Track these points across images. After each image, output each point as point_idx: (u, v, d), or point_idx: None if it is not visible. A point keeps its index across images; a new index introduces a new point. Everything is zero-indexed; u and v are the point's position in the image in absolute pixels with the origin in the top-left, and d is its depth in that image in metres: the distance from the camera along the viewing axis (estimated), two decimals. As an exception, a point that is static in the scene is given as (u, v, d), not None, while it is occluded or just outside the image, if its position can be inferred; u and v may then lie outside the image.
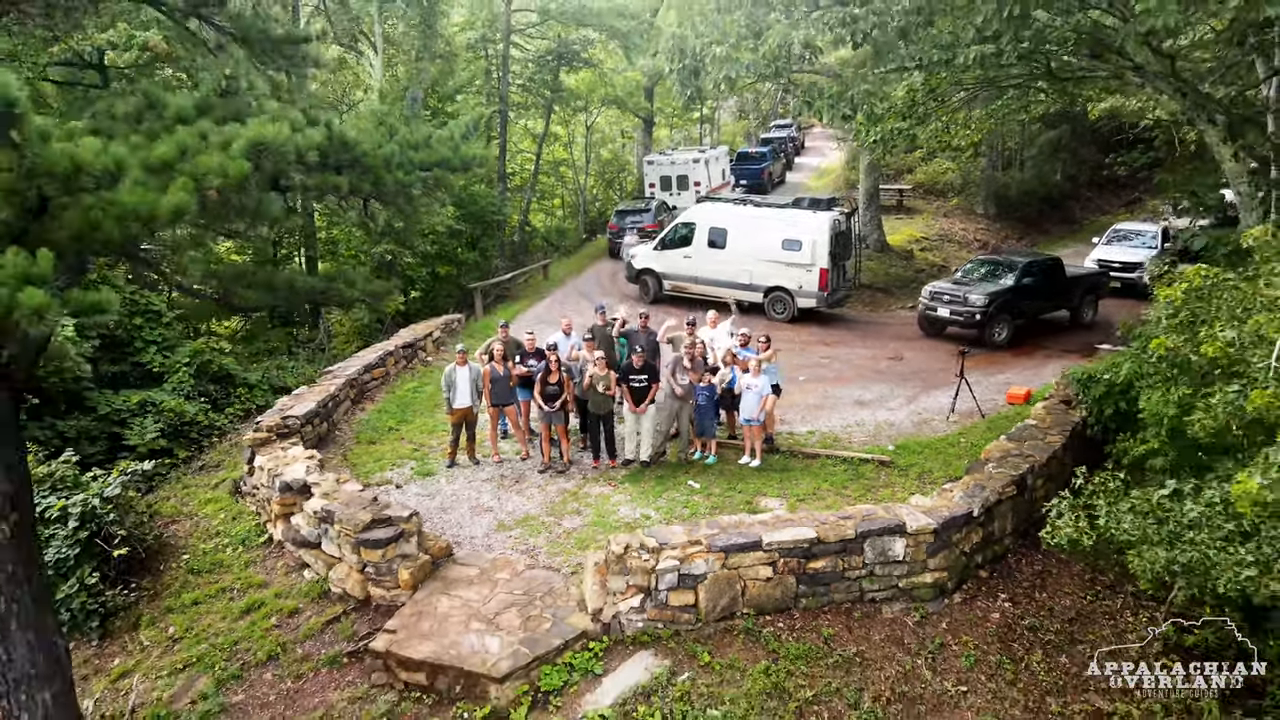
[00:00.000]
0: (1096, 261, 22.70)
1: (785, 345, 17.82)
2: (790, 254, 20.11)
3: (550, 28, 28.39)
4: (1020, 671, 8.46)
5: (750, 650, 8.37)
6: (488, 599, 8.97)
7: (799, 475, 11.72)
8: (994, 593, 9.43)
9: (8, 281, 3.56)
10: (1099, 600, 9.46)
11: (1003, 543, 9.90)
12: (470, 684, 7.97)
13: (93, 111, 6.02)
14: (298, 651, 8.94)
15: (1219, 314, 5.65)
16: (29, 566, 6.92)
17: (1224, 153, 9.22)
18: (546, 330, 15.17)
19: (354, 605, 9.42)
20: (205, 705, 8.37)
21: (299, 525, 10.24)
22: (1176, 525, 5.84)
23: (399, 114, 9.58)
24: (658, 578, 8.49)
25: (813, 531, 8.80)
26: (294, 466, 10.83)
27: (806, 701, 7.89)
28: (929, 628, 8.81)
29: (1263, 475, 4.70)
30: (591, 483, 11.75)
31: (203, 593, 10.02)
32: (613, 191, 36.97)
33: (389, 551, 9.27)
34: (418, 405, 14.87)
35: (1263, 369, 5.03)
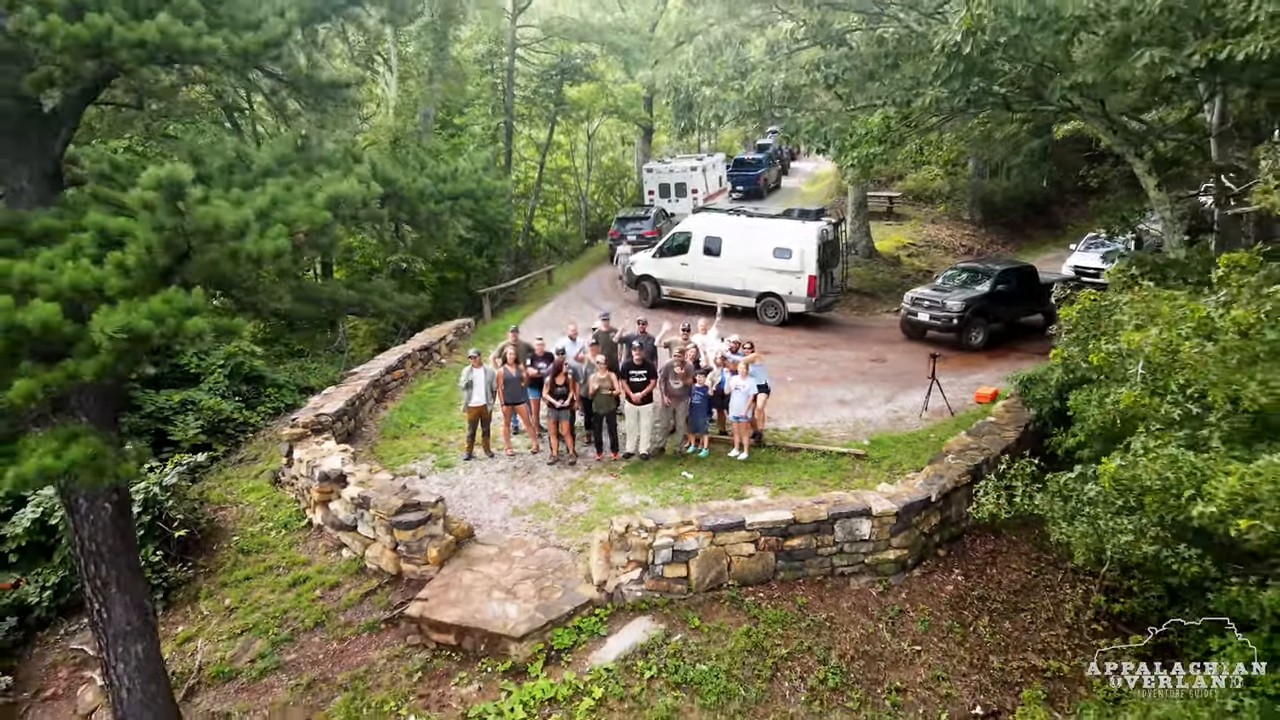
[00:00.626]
0: (1072, 267, 23.98)
1: (775, 348, 19.12)
2: (781, 261, 21.36)
3: (554, 43, 29.67)
4: (968, 634, 9.77)
5: (734, 616, 9.68)
6: (506, 573, 10.28)
7: (783, 467, 13.02)
8: (949, 568, 10.74)
9: (174, 313, 4.85)
10: (1042, 575, 10.75)
11: (959, 525, 11.19)
12: (493, 643, 9.28)
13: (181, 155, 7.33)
14: (340, 619, 10.25)
15: (1104, 330, 6.93)
16: (126, 540, 8.24)
17: (1149, 183, 10.50)
18: (554, 334, 16.45)
19: (388, 579, 10.73)
20: (263, 663, 9.69)
21: (337, 510, 11.55)
22: (1078, 502, 7.13)
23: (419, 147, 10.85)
24: (654, 553, 9.81)
25: (790, 514, 10.11)
26: (330, 458, 12.15)
27: (782, 658, 9.21)
28: (890, 597, 10.12)
29: (1121, 458, 5.99)
30: (595, 474, 13.04)
31: (253, 569, 11.34)
32: (613, 197, 38.25)
33: (419, 532, 10.58)
34: (435, 404, 16.17)
35: (1133, 374, 6.31)
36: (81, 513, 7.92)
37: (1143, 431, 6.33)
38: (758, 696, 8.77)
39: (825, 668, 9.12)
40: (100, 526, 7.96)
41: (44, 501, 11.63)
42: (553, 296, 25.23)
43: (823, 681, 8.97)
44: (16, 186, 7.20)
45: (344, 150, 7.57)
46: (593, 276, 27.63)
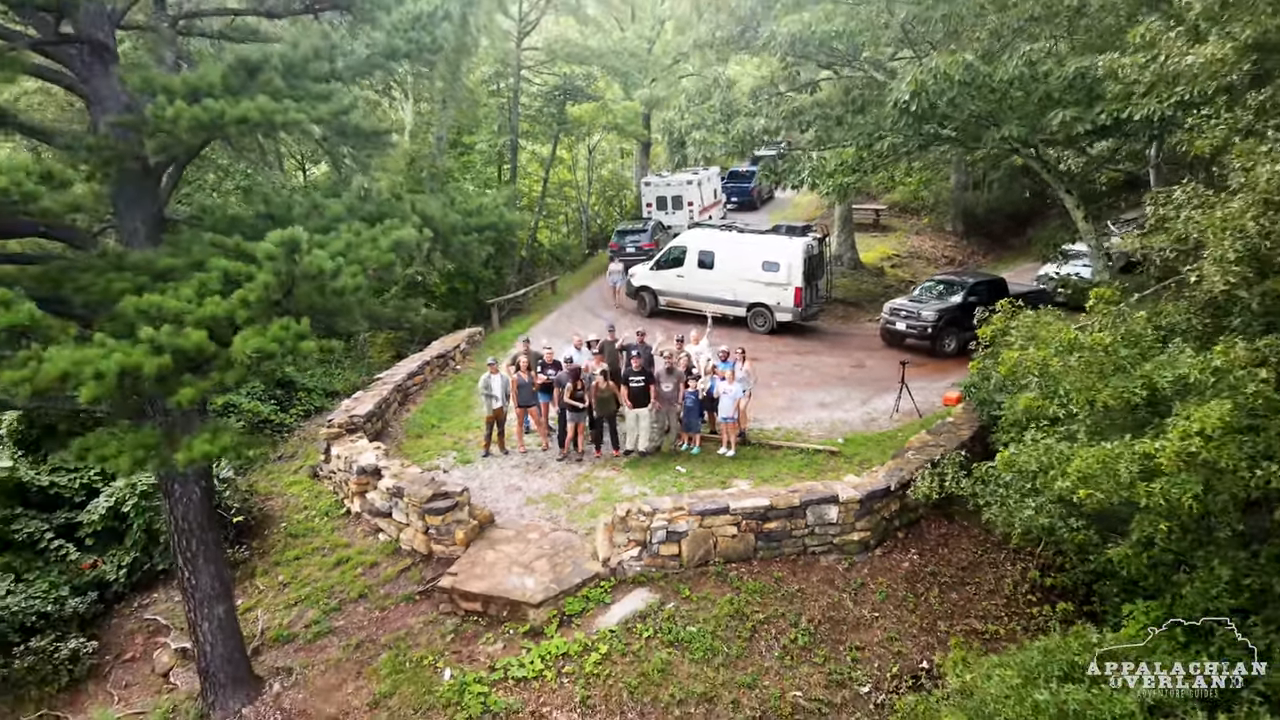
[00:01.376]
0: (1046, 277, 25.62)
1: (763, 355, 20.74)
2: (769, 274, 22.97)
3: (557, 65, 31.36)
4: (920, 603, 11.43)
5: (719, 587, 11.34)
6: (523, 552, 11.92)
7: (765, 462, 14.67)
8: (906, 548, 12.40)
9: (291, 337, 6.50)
10: (986, 555, 12.42)
11: (917, 511, 12.83)
12: (514, 610, 10.92)
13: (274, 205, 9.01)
14: (380, 591, 11.89)
15: (1011, 344, 8.57)
16: (210, 519, 9.90)
17: (1077, 215, 12.13)
18: (560, 343, 18.08)
19: (420, 558, 12.37)
20: (316, 628, 11.33)
21: (373, 499, 13.19)
22: (996, 485, 8.77)
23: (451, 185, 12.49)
24: (651, 534, 11.47)
25: (768, 501, 11.77)
26: (365, 454, 13.79)
27: (759, 622, 10.86)
28: (854, 572, 11.77)
29: (1015, 447, 7.63)
30: (599, 468, 14.68)
31: (301, 551, 12.98)
32: (613, 209, 39.94)
33: (447, 518, 12.21)
34: (453, 406, 17.82)
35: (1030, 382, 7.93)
36: (176, 496, 9.58)
37: (1033, 427, 7.98)
38: (738, 653, 10.42)
39: (796, 630, 10.77)
40: (191, 507, 9.63)
41: (116, 492, 13.25)
42: (557, 306, 26.88)
43: (794, 641, 10.62)
44: (131, 228, 8.87)
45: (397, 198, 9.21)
46: (594, 286, 29.24)
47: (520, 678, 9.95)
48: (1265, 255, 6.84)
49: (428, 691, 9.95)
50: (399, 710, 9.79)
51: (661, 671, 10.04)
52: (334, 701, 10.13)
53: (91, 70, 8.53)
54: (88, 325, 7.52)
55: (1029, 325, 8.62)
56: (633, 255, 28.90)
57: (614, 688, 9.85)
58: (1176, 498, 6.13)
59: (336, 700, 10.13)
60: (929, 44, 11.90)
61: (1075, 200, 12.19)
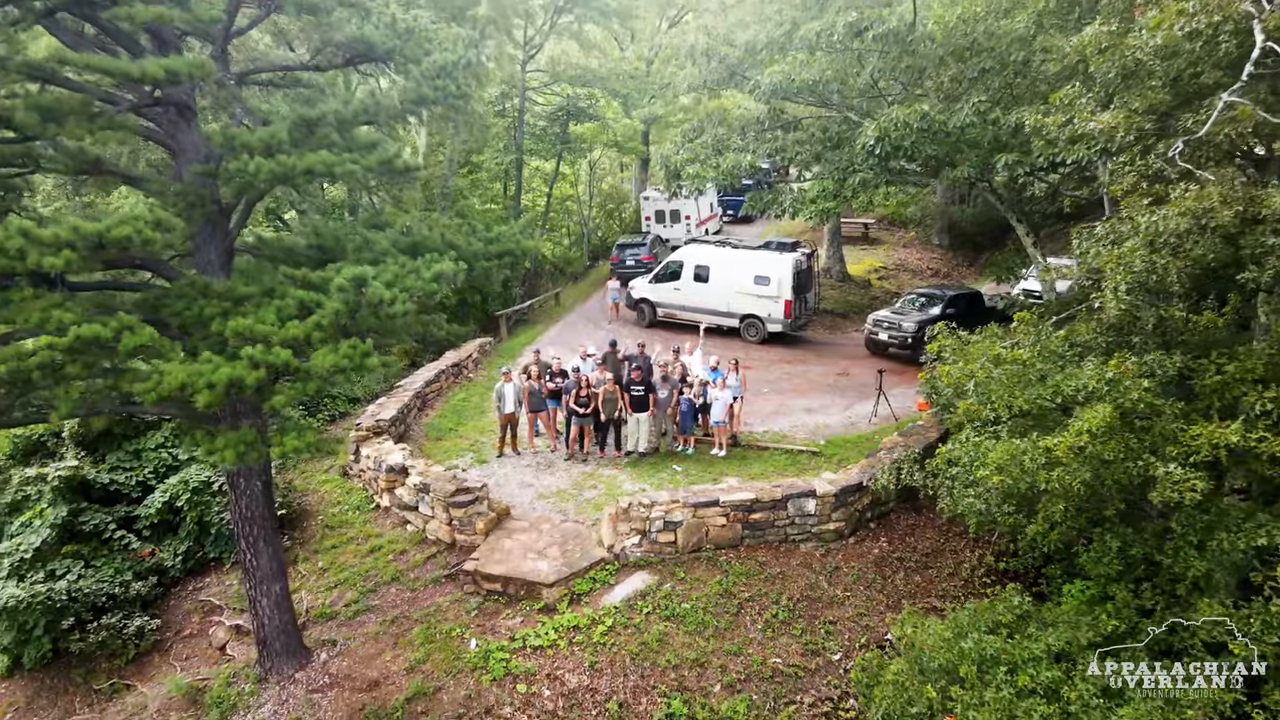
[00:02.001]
0: (1022, 291, 27.19)
1: (755, 363, 22.28)
2: (761, 288, 24.52)
3: (560, 88, 32.99)
4: (887, 584, 12.96)
5: (710, 570, 12.87)
6: (537, 540, 13.46)
7: (753, 462, 16.20)
8: (877, 536, 13.94)
9: (358, 355, 8.04)
10: (948, 542, 13.95)
11: (887, 504, 14.35)
12: (530, 589, 12.46)
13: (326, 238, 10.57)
14: (411, 575, 13.43)
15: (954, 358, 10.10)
16: (269, 508, 11.43)
17: (1027, 242, 13.70)
18: (566, 353, 19.62)
19: (444, 546, 13.89)
20: (355, 606, 12.86)
21: (402, 495, 14.72)
22: (943, 478, 10.31)
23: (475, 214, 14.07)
24: (650, 524, 13.00)
25: (753, 494, 13.31)
26: (393, 455, 15.33)
27: (745, 600, 12.39)
28: (829, 558, 13.31)
29: (953, 443, 9.16)
30: (603, 467, 16.20)
31: (337, 540, 14.51)
32: (613, 222, 41.52)
33: (469, 510, 13.75)
34: (468, 412, 19.36)
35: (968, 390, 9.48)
36: (241, 489, 11.12)
37: (968, 427, 9.52)
38: (726, 626, 11.95)
39: (777, 607, 12.30)
40: (254, 499, 11.17)
41: (169, 489, 14.79)
42: (561, 317, 28.44)
43: (775, 616, 12.15)
44: (207, 259, 10.42)
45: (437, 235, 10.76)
46: (595, 297, 30.78)
47: (537, 646, 11.48)
48: (1151, 287, 8.38)
49: (456, 658, 11.48)
50: (432, 673, 11.32)
51: (659, 641, 11.57)
52: (374, 667, 11.66)
53: (176, 127, 10.10)
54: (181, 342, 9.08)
55: (958, 345, 10.19)
56: (632, 268, 30.44)
57: (618, 655, 11.38)
58: (1069, 483, 7.65)
59: (377, 666, 11.66)
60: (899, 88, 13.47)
61: (1025, 228, 13.75)
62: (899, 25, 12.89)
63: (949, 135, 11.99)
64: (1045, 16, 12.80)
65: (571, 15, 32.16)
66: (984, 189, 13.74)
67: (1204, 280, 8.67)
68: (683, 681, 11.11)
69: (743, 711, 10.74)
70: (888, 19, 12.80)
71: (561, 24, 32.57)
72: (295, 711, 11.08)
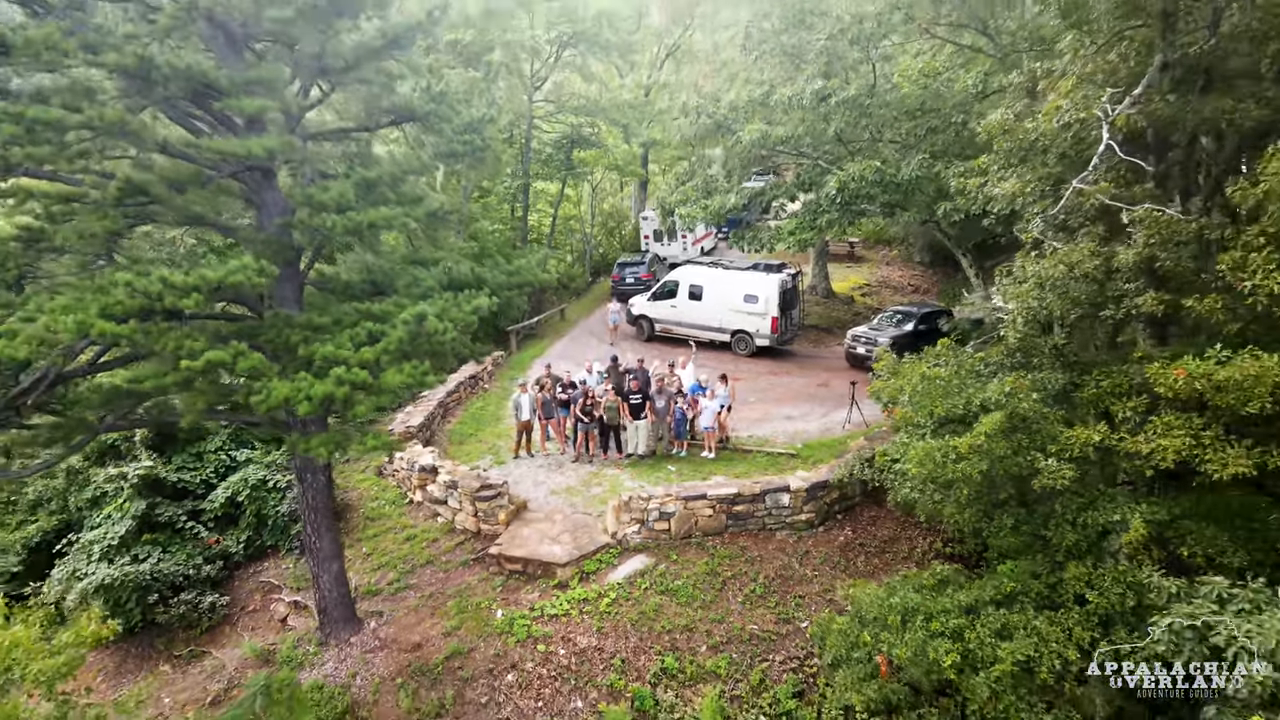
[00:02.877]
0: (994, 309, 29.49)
1: (744, 375, 24.54)
2: (750, 305, 26.81)
3: (564, 116, 35.38)
4: (849, 565, 15.21)
5: (698, 553, 15.13)
6: (550, 529, 15.72)
7: (738, 463, 18.46)
8: (843, 526, 16.20)
9: (419, 374, 10.34)
10: (904, 531, 16.20)
11: (853, 499, 16.62)
12: (546, 569, 14.71)
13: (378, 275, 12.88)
14: (443, 559, 15.68)
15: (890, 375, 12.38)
16: (329, 499, 13.68)
17: (970, 273, 15.98)
18: (574, 366, 21.89)
19: (471, 535, 16.14)
20: (397, 584, 15.11)
21: (432, 491, 16.99)
22: (889, 473, 12.56)
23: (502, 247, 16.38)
24: (647, 514, 15.27)
25: (736, 489, 15.58)
26: (424, 456, 17.60)
27: (728, 578, 14.64)
28: (801, 544, 15.56)
29: (888, 444, 11.42)
30: (606, 468, 18.45)
31: (377, 530, 16.77)
32: (613, 239, 43.86)
33: (492, 503, 16.01)
34: (485, 419, 21.64)
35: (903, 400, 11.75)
36: (308, 482, 13.38)
37: (904, 430, 11.79)
38: (711, 599, 14.21)
39: (755, 584, 14.55)
40: (317, 491, 13.43)
41: (231, 486, 17.05)
42: (566, 332, 30.74)
43: (753, 591, 14.39)
44: (284, 294, 12.70)
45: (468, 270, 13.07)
46: (598, 313, 33.06)
47: (553, 614, 13.74)
48: (1043, 321, 10.66)
49: (485, 625, 13.73)
50: (465, 637, 13.57)
51: (655, 611, 13.82)
52: (416, 633, 13.91)
53: (261, 186, 12.39)
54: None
55: (892, 364, 12.51)
56: (631, 285, 32.77)
57: (620, 622, 13.64)
58: (970, 473, 9.91)
59: (418, 632, 13.91)
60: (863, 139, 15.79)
61: (969, 260, 16.06)
62: (858, 92, 15.26)
63: (899, 186, 14.31)
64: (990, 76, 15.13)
65: (575, 49, 34.54)
66: (932, 226, 16.03)
67: (1083, 314, 10.92)
68: (675, 643, 13.36)
69: (724, 667, 12.99)
70: (848, 87, 15.15)
71: (566, 57, 34.93)
72: (353, 668, 13.33)
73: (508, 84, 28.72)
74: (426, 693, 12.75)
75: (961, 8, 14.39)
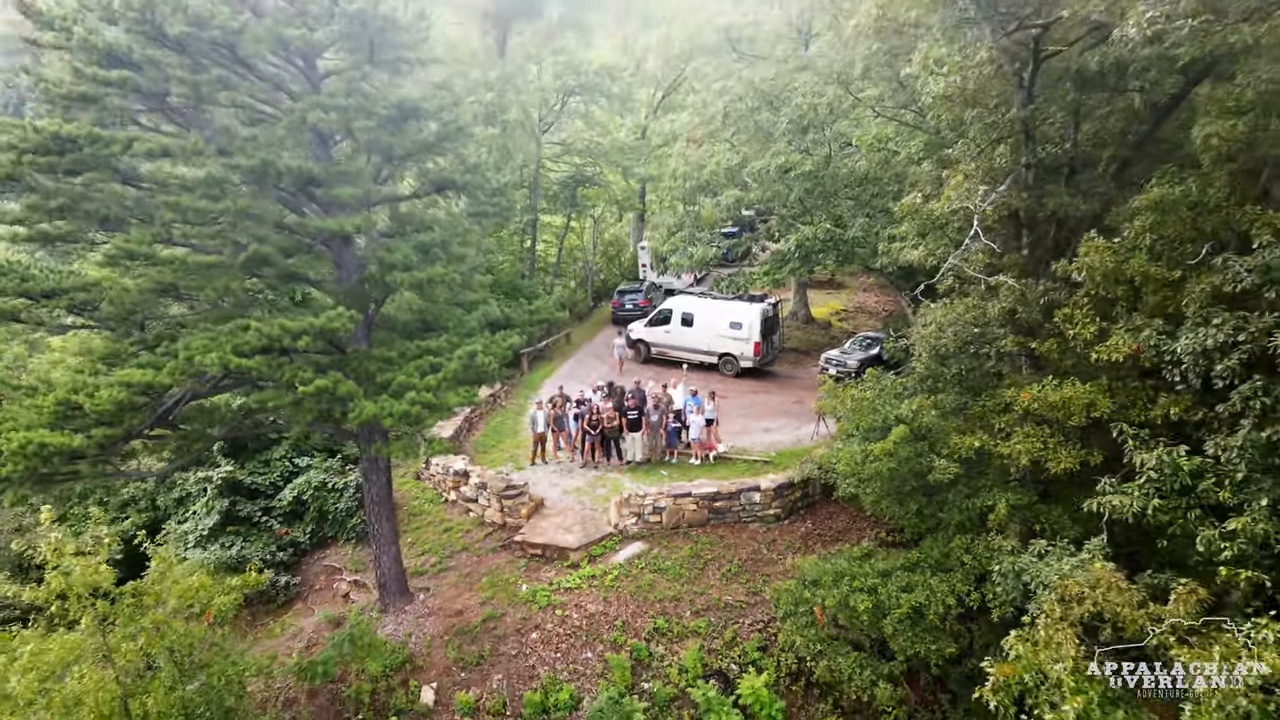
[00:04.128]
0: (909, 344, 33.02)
1: (729, 393, 27.97)
2: (735, 331, 30.29)
3: (570, 158, 39.09)
4: (807, 550, 18.62)
5: (685, 541, 18.56)
6: (564, 521, 19.15)
7: (720, 468, 21.91)
8: (804, 519, 19.65)
9: (471, 394, 13.79)
10: (855, 524, 19.63)
11: (813, 497, 20.07)
12: (561, 553, 18.15)
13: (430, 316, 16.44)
14: (476, 546, 19.10)
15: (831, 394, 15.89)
16: (390, 493, 17.13)
17: (909, 311, 19.43)
18: (580, 385, 25.36)
19: (498, 527, 19.57)
20: (438, 566, 18.53)
21: (464, 491, 20.43)
22: (833, 473, 16.02)
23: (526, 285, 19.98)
24: (643, 509, 18.72)
25: (716, 488, 19.05)
26: (457, 463, 21.05)
27: (709, 560, 18.08)
28: (769, 533, 19.00)
29: (826, 449, 14.90)
30: (609, 473, 21.89)
31: (419, 524, 20.19)
32: (613, 266, 47.46)
33: (516, 501, 19.46)
34: (505, 431, 25.10)
35: (844, 414, 15.22)
36: (372, 480, 16.83)
37: (839, 439, 15.24)
38: (695, 576, 17.63)
39: (730, 564, 17.97)
40: (380, 487, 16.88)
41: (297, 486, 20.49)
42: (571, 354, 34.24)
43: (729, 571, 17.81)
44: (358, 334, 16.19)
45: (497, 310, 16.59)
46: (600, 337, 36.57)
47: (567, 588, 17.16)
48: (942, 355, 14.15)
49: (513, 596, 17.14)
50: (497, 605, 16.97)
51: (649, 585, 17.24)
52: (457, 603, 17.31)
53: (342, 249, 15.90)
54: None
55: (830, 387, 16.06)
56: (630, 310, 36.32)
57: (621, 593, 17.05)
58: (881, 471, 13.34)
59: (459, 602, 17.31)
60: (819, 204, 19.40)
61: (906, 299, 19.54)
62: (814, 167, 18.87)
63: (846, 243, 17.81)
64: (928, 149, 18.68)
65: (579, 98, 38.27)
66: (875, 272, 19.53)
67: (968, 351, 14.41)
68: (665, 609, 16.77)
69: (704, 627, 16.40)
70: (806, 163, 18.78)
71: (571, 105, 38.66)
72: (408, 629, 16.73)
73: (522, 137, 32.35)
74: (468, 647, 16.15)
75: (896, 96, 17.95)
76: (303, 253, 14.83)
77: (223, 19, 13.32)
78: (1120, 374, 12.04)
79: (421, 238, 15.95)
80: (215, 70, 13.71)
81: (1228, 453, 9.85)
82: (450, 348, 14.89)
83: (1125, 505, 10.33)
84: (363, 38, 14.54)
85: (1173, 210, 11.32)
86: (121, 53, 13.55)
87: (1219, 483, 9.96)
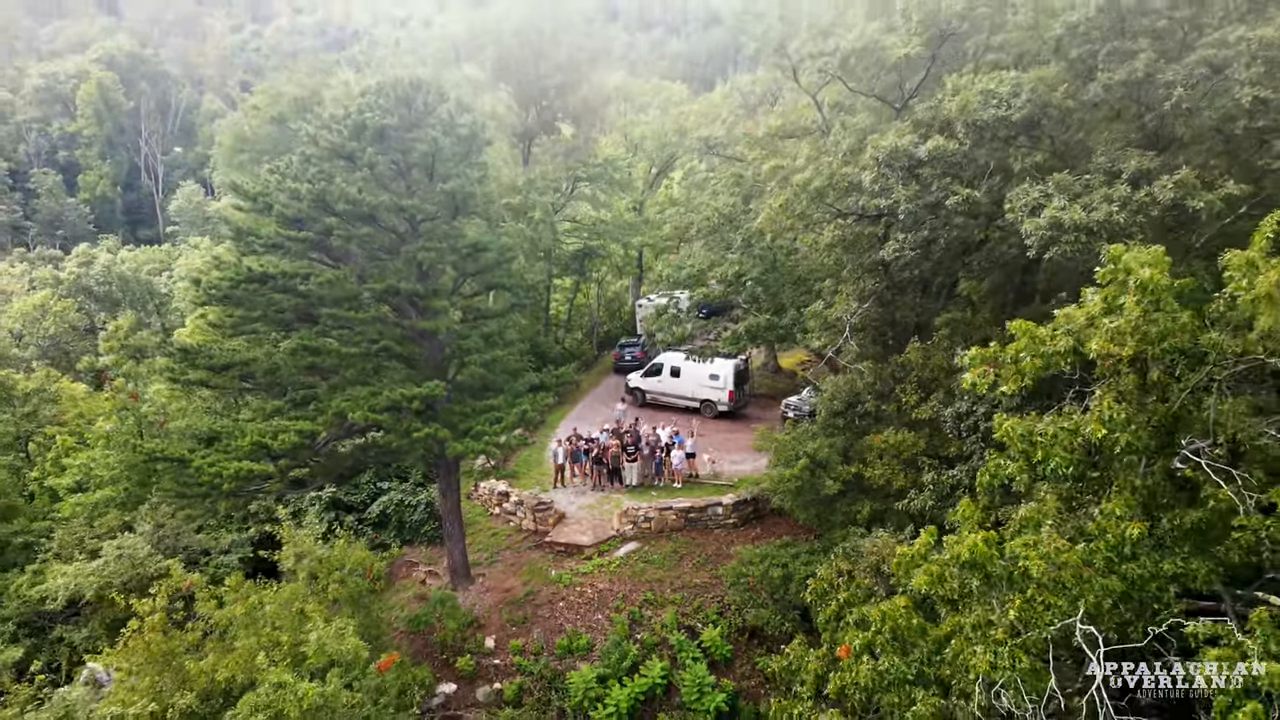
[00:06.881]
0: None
1: (708, 432, 35.14)
2: (713, 381, 37.59)
3: (579, 234, 46.85)
4: (756, 549, 25.81)
5: (668, 541, 25.78)
6: (581, 527, 26.39)
7: (696, 490, 29.13)
8: (755, 526, 26.84)
9: (521, 437, 21.03)
10: (791, 528, 26.78)
11: (763, 510, 27.26)
12: (579, 549, 25.39)
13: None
14: (516, 546, 26.33)
15: (762, 436, 23.15)
16: (460, 502, 24.41)
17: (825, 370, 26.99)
18: (590, 426, 32.64)
19: (532, 532, 26.79)
20: (490, 559, 25.76)
21: (506, 507, 27.69)
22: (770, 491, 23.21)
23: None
24: (638, 518, 26.01)
25: (690, 504, 26.35)
26: (499, 486, 28.34)
27: (684, 554, 25.30)
28: (729, 536, 26.18)
29: (762, 475, 22.11)
30: (613, 494, 29.08)
31: (473, 531, 27.40)
32: (615, 320, 55.02)
33: (546, 513, 26.71)
34: (531, 462, 32.37)
35: (771, 452, 22.44)
36: (447, 495, 24.12)
37: (770, 467, 22.43)
38: (674, 565, 24.82)
39: (699, 558, 25.16)
40: (452, 499, 24.17)
41: (382, 503, 27.74)
42: (580, 399, 41.61)
43: (698, 562, 24.98)
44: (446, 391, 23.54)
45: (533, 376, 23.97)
46: (603, 385, 43.90)
47: (584, 573, 24.35)
48: (836, 411, 21.46)
49: (545, 578, 24.31)
50: (534, 585, 24.13)
51: (642, 571, 24.42)
52: (505, 584, 24.48)
53: (432, 336, 23.33)
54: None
55: (763, 431, 23.39)
56: (629, 361, 43.73)
57: (622, 576, 24.23)
58: (790, 488, 20.56)
59: (507, 583, 24.48)
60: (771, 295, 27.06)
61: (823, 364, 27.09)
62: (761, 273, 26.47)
63: (783, 327, 25.28)
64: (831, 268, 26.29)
65: (586, 184, 46.12)
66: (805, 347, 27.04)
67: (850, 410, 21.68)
68: (653, 587, 23.93)
69: (679, 599, 23.57)
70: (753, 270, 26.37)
71: (579, 189, 46.49)
72: (472, 600, 23.87)
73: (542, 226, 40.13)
74: (515, 612, 23.30)
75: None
76: (409, 342, 22.28)
77: (367, 197, 20.91)
78: (929, 426, 19.40)
79: (485, 329, 23.41)
80: (362, 228, 21.26)
81: (965, 473, 17.18)
82: (507, 405, 22.25)
83: (920, 504, 17.63)
84: (451, 205, 22.12)
85: (957, 326, 18.77)
86: (301, 217, 21.13)
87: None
